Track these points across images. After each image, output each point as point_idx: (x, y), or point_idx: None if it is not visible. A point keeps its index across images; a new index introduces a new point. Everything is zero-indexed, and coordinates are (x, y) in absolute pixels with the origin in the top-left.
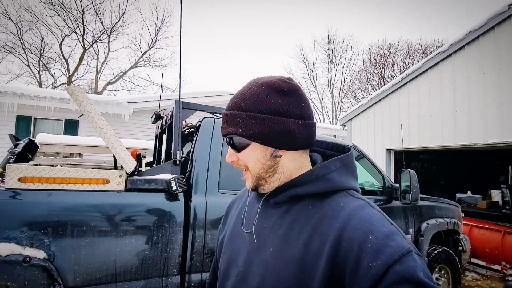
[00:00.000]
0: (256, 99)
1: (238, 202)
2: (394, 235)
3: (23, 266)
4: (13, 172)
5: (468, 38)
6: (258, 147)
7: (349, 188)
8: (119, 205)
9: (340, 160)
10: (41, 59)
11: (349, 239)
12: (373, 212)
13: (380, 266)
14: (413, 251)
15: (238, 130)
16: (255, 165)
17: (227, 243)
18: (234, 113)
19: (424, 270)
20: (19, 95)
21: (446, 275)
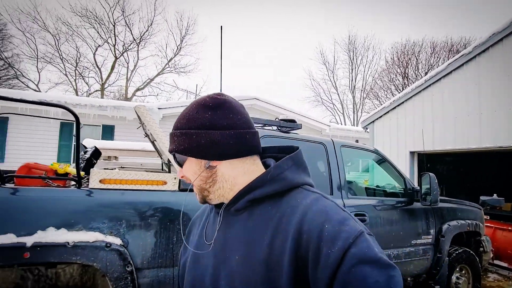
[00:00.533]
0: (187, 118)
1: (199, 220)
2: (347, 220)
3: (105, 250)
4: (96, 175)
5: (492, 40)
6: (193, 161)
7: (303, 184)
8: (174, 202)
9: (291, 158)
10: (77, 68)
11: (308, 231)
12: (327, 203)
13: (338, 251)
14: (364, 232)
15: (173, 147)
16: (193, 178)
17: (190, 265)
18: (172, 133)
19: (377, 248)
20: (62, 104)
21: (467, 275)
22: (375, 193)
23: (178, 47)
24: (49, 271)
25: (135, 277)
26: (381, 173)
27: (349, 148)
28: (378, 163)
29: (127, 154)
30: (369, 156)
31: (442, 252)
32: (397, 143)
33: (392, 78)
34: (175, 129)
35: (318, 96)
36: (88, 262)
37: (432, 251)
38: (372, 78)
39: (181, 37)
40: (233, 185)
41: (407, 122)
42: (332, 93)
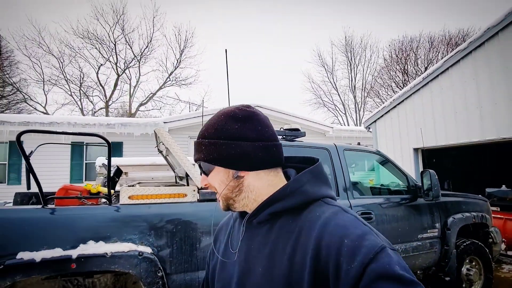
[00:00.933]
0: (216, 128)
1: (225, 228)
2: (367, 234)
3: (138, 258)
4: (125, 192)
5: (487, 35)
6: (221, 170)
7: (324, 196)
8: (195, 212)
9: (310, 171)
10: (81, 88)
11: (327, 246)
12: (346, 217)
13: (358, 267)
14: (387, 247)
15: (201, 156)
16: (220, 187)
17: (219, 272)
18: (199, 141)
19: (399, 263)
20: (73, 124)
21: (478, 266)
22: (380, 191)
23: (178, 61)
24: (86, 281)
25: (165, 281)
26: (384, 172)
27: (351, 151)
28: (381, 163)
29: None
30: (372, 157)
31: (449, 245)
32: (400, 141)
33: (392, 75)
34: (203, 138)
35: (319, 98)
36: (125, 269)
37: (439, 244)
38: (372, 76)
39: (180, 50)
40: (257, 195)
41: (408, 120)
42: (333, 94)
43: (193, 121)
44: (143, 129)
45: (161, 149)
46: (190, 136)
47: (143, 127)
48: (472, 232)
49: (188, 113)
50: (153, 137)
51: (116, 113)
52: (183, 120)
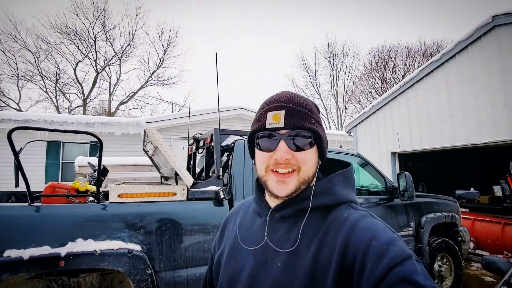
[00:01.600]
0: (314, 109)
1: (234, 217)
2: (396, 240)
3: (128, 256)
4: (114, 191)
5: (457, 48)
6: (315, 151)
7: (350, 201)
8: (184, 211)
9: (342, 174)
10: (57, 84)
11: (354, 246)
12: (375, 221)
13: (383, 268)
14: (413, 257)
15: (315, 128)
16: (311, 168)
17: (227, 260)
18: (307, 112)
19: (423, 274)
20: (49, 122)
21: (448, 263)
22: (360, 192)
23: (161, 60)
24: (71, 280)
25: (154, 278)
26: (364, 174)
27: (334, 153)
28: (361, 165)
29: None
30: (353, 159)
31: (422, 242)
32: (379, 145)
33: (372, 82)
34: (309, 111)
35: None
36: (114, 267)
37: (414, 242)
38: (353, 82)
39: (163, 49)
40: None
41: (387, 125)
42: (315, 99)
43: (176, 122)
44: (124, 128)
45: (147, 148)
46: (173, 137)
47: (124, 127)
48: (443, 231)
49: (171, 114)
50: (135, 137)
51: (94, 112)
52: (167, 120)
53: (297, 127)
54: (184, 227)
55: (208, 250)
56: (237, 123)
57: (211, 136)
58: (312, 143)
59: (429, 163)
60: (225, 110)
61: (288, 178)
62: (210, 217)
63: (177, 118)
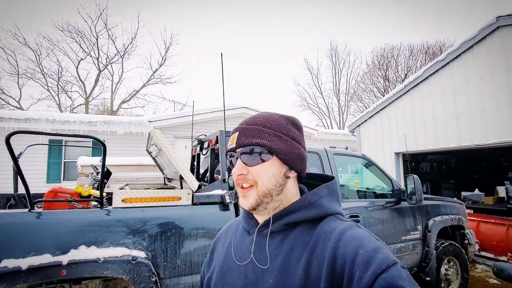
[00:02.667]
0: (278, 124)
1: (224, 237)
2: (381, 248)
3: (132, 263)
4: (118, 195)
5: (463, 48)
6: (276, 164)
7: (336, 213)
8: (189, 216)
9: (327, 187)
10: (59, 83)
11: (342, 255)
12: (361, 231)
13: (370, 275)
14: (398, 263)
15: (265, 142)
16: (269, 181)
17: (216, 282)
18: (259, 128)
19: (409, 280)
20: (51, 121)
21: (455, 266)
22: (366, 195)
23: (163, 58)
24: (73, 287)
25: (159, 286)
26: (370, 176)
27: (340, 155)
28: (367, 167)
29: (123, 170)
30: (359, 161)
31: (429, 246)
32: (383, 145)
33: (374, 81)
34: (264, 127)
35: (304, 101)
36: (118, 275)
37: (421, 246)
38: (355, 81)
39: (165, 48)
40: (287, 201)
41: (391, 125)
42: (317, 97)
43: (178, 121)
44: (127, 127)
45: (151, 150)
46: (176, 136)
47: (127, 126)
48: (450, 233)
49: (174, 113)
50: (137, 136)
51: (97, 110)
52: (169, 119)
53: (245, 144)
54: (189, 233)
55: None
56: (240, 122)
57: (216, 138)
58: (263, 157)
59: (433, 163)
60: (227, 109)
61: (247, 193)
62: (216, 222)
63: (179, 117)
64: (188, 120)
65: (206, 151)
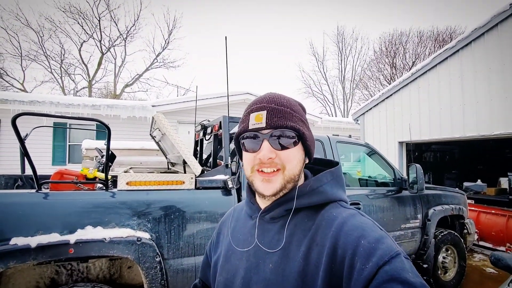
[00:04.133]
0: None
1: (228, 221)
2: (384, 238)
3: (137, 244)
4: (123, 178)
5: (473, 35)
6: (300, 150)
7: (340, 200)
8: (192, 200)
9: (331, 173)
10: (62, 65)
11: (343, 245)
12: (363, 220)
13: (372, 267)
14: (401, 254)
15: (298, 126)
16: (296, 166)
17: (222, 264)
18: (289, 111)
19: (412, 271)
20: (55, 104)
21: (452, 254)
22: (367, 183)
23: (166, 42)
24: (80, 266)
25: (163, 266)
26: (372, 164)
27: (343, 143)
28: (370, 155)
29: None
30: (362, 149)
31: (428, 234)
32: (387, 134)
33: (381, 68)
34: (291, 110)
35: (309, 87)
36: (123, 255)
37: (420, 234)
38: (361, 68)
39: (168, 31)
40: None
41: (396, 114)
42: (322, 84)
43: (182, 106)
44: (130, 111)
45: (154, 134)
46: (179, 121)
47: (131, 110)
48: (449, 222)
49: (177, 98)
50: (141, 120)
51: (100, 94)
52: (172, 104)
53: (279, 126)
54: (192, 216)
55: None
56: (243, 108)
57: (219, 124)
58: (296, 141)
59: (436, 153)
60: (231, 95)
61: (273, 177)
62: (218, 206)
63: (183, 102)
64: (191, 105)
65: (209, 136)
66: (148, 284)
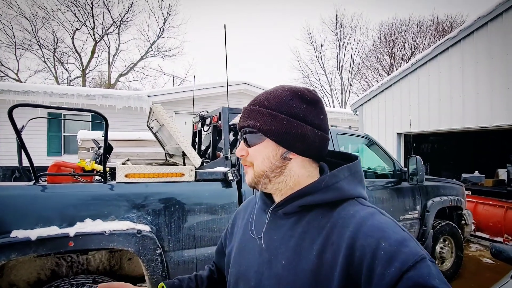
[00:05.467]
0: (279, 100)
1: (243, 213)
2: (407, 241)
3: (137, 236)
4: (121, 171)
5: (476, 24)
6: (271, 145)
7: (358, 197)
8: (192, 192)
9: (348, 168)
10: (55, 54)
11: (362, 247)
12: (384, 219)
13: (394, 273)
14: (427, 258)
15: (256, 124)
16: (262, 163)
17: (235, 256)
18: (256, 109)
19: (439, 277)
20: (49, 94)
21: (450, 245)
22: (367, 175)
23: (161, 29)
24: (80, 258)
25: (163, 258)
26: (372, 155)
27: (344, 135)
28: (369, 147)
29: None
30: (361, 141)
31: (427, 225)
32: (385, 125)
33: (379, 58)
34: (261, 106)
35: (307, 77)
36: (124, 247)
37: (418, 225)
38: (360, 58)
39: (163, 18)
40: (295, 183)
41: (395, 105)
42: (320, 74)
43: (179, 96)
44: (126, 102)
45: (152, 125)
46: (176, 112)
47: (126, 100)
48: (447, 213)
49: (174, 88)
50: (136, 110)
51: (94, 83)
52: (169, 94)
53: (241, 126)
54: (192, 208)
55: (217, 230)
56: (241, 98)
57: (218, 115)
58: (260, 138)
59: (434, 145)
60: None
61: (247, 169)
62: (218, 198)
63: (179, 92)
64: (188, 95)
65: (208, 127)
66: (149, 276)
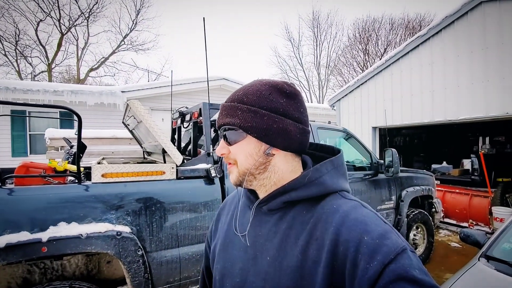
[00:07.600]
0: (258, 95)
1: (228, 208)
2: (389, 233)
3: (117, 238)
4: (98, 170)
5: (444, 23)
6: (253, 142)
7: (341, 190)
8: (174, 190)
9: (331, 162)
10: (17, 47)
11: (345, 241)
12: (366, 212)
13: (377, 266)
14: (407, 249)
15: (236, 121)
16: (246, 160)
17: (219, 253)
18: (234, 105)
19: (419, 267)
20: (12, 90)
21: (422, 232)
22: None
23: (133, 22)
24: (55, 263)
25: (145, 259)
26: (350, 149)
27: (324, 129)
28: (347, 140)
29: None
30: (340, 135)
31: (401, 214)
32: (361, 120)
33: (354, 55)
34: (240, 103)
35: (285, 73)
36: (102, 250)
37: (394, 214)
38: (336, 54)
39: (136, 10)
40: (279, 179)
41: (370, 100)
42: (298, 70)
43: (154, 92)
44: (98, 98)
45: (128, 122)
46: (152, 108)
47: (98, 96)
48: (419, 202)
49: (149, 83)
50: (110, 107)
51: (61, 78)
52: (144, 90)
53: (219, 124)
54: (174, 207)
55: (200, 228)
56: (220, 94)
57: (199, 111)
58: (241, 135)
59: (406, 137)
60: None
61: (231, 169)
62: (201, 196)
63: (155, 88)
64: (165, 91)
65: (188, 124)
66: (131, 278)
